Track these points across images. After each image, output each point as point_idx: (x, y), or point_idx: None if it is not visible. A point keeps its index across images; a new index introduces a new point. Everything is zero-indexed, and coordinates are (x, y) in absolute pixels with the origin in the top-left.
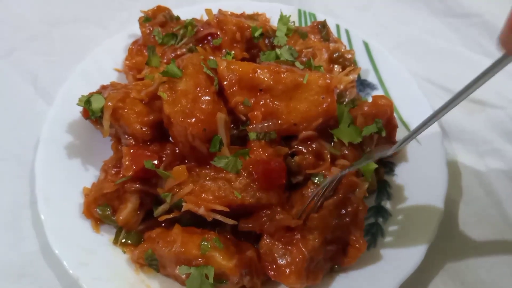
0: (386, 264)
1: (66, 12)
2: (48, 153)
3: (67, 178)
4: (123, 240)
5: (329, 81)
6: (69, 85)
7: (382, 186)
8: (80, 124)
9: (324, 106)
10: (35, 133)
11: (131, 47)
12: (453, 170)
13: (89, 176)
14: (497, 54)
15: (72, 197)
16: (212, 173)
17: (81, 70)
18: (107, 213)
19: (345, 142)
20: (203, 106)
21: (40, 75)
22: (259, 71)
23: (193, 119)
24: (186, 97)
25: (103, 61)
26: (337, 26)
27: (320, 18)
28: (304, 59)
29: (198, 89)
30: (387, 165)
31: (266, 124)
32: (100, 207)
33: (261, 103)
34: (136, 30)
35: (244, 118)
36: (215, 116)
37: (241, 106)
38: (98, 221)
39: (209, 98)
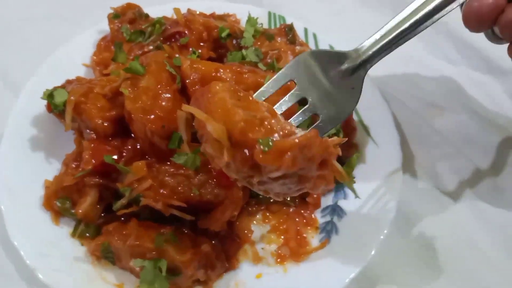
0: (338, 261)
1: (39, 8)
2: (11, 146)
3: (29, 170)
4: (81, 233)
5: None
6: (36, 79)
7: (339, 186)
8: (46, 117)
9: None
10: (3, 126)
11: (99, 42)
12: (411, 173)
13: (52, 169)
14: (460, 61)
15: (34, 189)
16: (171, 170)
17: (49, 64)
18: (67, 206)
19: None
20: (163, 103)
21: (11, 70)
22: (221, 70)
23: (152, 116)
24: (147, 94)
25: (72, 56)
26: (305, 30)
27: (289, 21)
28: (269, 61)
29: (159, 86)
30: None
31: None
32: (59, 199)
33: None
34: (106, 26)
35: None
36: (175, 113)
37: None
38: (58, 214)
39: (169, 95)
